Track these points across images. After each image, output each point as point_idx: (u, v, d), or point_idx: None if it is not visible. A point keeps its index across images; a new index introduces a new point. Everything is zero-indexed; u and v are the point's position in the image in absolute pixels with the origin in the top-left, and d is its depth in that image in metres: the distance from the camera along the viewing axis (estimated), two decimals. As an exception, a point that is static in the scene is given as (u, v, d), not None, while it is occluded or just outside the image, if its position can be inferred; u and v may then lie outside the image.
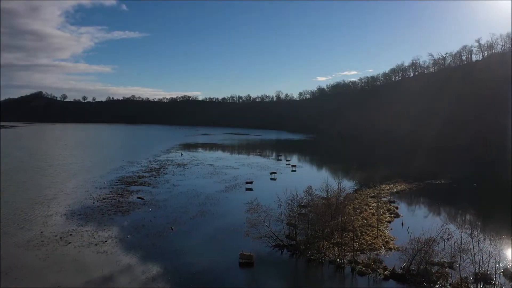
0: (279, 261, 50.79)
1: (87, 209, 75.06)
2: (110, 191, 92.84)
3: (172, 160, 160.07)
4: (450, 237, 49.05)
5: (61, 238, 57.35)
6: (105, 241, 55.97)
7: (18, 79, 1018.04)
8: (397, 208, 78.71)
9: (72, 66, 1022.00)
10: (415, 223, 67.45)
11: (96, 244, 54.65)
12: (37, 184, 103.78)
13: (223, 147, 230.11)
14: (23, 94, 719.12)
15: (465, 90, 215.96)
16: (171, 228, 63.05)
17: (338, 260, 49.57)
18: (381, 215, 71.15)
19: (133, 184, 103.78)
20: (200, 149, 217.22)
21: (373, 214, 71.75)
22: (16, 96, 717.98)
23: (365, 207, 78.33)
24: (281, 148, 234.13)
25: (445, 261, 46.98)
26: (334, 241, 55.68)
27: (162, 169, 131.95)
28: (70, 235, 58.84)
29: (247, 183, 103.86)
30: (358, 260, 49.34)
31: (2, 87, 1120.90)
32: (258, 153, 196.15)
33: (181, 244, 55.49)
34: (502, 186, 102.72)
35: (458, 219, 74.57)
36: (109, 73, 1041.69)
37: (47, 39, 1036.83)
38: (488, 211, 79.70)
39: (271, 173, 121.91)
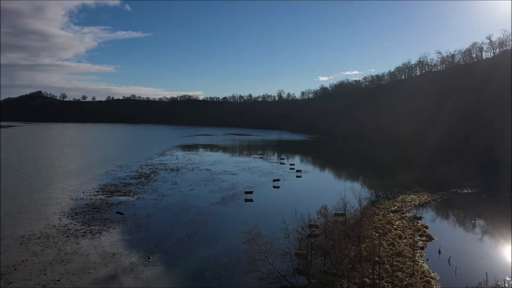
0: (287, 313, 37.57)
1: (51, 229, 61.69)
2: (86, 204, 79.52)
3: (166, 164, 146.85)
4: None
5: (2, 275, 44.11)
6: (58, 280, 42.61)
7: (21, 79, 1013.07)
8: (427, 227, 64.87)
9: (75, 66, 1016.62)
10: (456, 249, 53.86)
11: (44, 286, 41.39)
12: (12, 192, 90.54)
13: (222, 149, 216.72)
14: (24, 94, 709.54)
15: (474, 88, 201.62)
16: (149, 258, 49.69)
17: (368, 314, 36.22)
18: (410, 237, 57.68)
19: (116, 193, 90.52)
20: (197, 151, 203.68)
21: (400, 237, 58.24)
22: (16, 96, 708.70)
23: (387, 226, 64.72)
24: (284, 150, 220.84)
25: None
26: (358, 280, 42.25)
27: (152, 175, 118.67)
28: (15, 269, 45.53)
29: (246, 193, 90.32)
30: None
31: (5, 87, 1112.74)
32: (259, 156, 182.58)
33: (157, 286, 42.21)
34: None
35: None
36: (112, 72, 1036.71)
37: (51, 39, 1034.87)
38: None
39: (274, 180, 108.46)
